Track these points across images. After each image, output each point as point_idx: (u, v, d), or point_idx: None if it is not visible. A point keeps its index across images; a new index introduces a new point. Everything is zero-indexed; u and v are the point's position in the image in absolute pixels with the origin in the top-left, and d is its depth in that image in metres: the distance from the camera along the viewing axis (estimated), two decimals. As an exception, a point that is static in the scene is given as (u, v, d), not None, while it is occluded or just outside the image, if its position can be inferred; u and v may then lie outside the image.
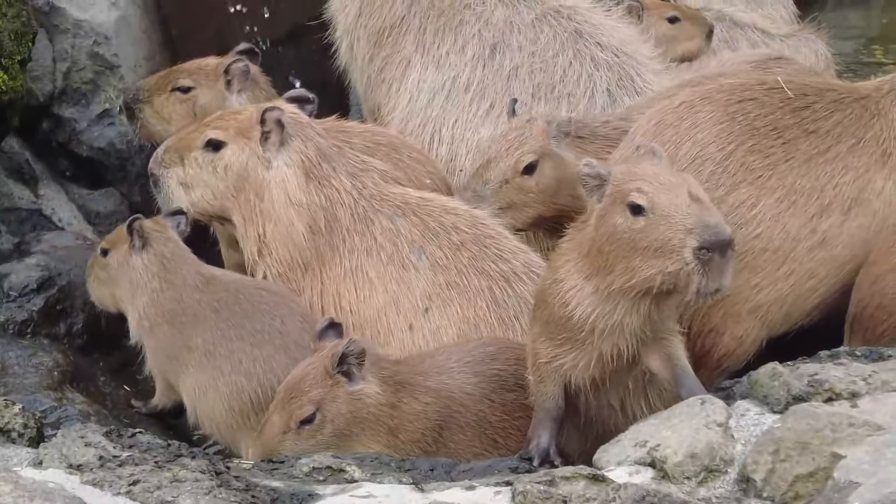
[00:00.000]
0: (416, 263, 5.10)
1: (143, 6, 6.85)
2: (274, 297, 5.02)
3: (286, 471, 3.99)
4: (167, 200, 5.34)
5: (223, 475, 3.80)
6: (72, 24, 6.51)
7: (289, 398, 4.41)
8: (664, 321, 4.16)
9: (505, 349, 4.65)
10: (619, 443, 3.91)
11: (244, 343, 4.89)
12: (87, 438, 3.86)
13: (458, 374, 4.55)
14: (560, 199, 5.42)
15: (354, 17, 6.43)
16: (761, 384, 3.98)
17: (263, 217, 5.19)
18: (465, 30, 6.16)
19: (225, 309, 4.97)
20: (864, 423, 3.60)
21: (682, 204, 3.95)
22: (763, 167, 4.91)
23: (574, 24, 6.20)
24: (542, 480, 3.69)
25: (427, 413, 4.45)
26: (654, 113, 5.08)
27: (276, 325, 4.92)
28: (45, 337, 5.44)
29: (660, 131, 4.92)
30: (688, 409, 3.92)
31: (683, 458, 3.74)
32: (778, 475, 3.59)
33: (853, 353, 4.21)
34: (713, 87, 5.12)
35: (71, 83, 6.55)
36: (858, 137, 5.03)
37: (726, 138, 4.92)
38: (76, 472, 3.73)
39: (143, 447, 3.95)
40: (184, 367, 4.97)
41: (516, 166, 5.45)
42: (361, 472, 3.97)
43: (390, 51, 6.32)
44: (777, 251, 4.90)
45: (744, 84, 5.13)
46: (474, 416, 4.51)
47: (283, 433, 4.40)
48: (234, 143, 5.24)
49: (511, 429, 4.54)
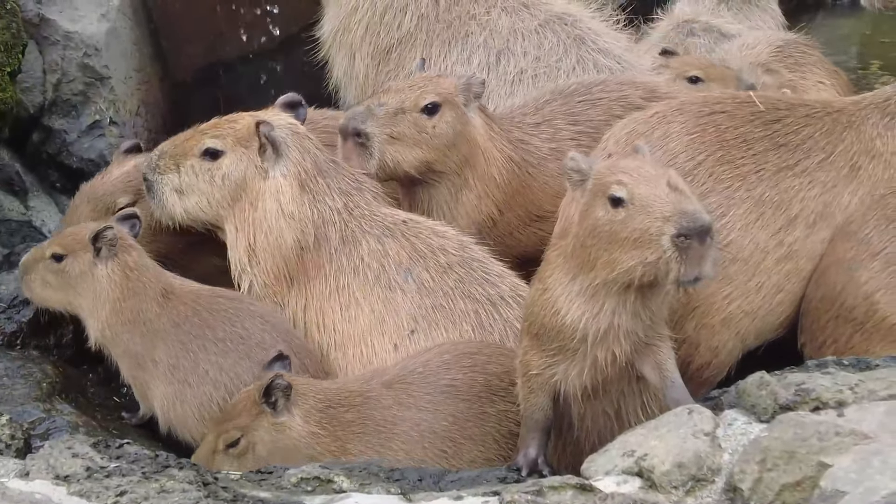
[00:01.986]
0: (403, 285, 5.11)
1: (134, 18, 6.86)
2: (232, 302, 5.09)
3: (274, 481, 3.99)
4: (160, 206, 5.35)
5: (211, 486, 3.80)
6: (62, 35, 6.52)
7: (222, 420, 4.64)
8: (655, 323, 4.17)
9: (462, 356, 4.70)
10: (606, 452, 3.91)
11: (208, 353, 4.97)
12: (74, 449, 3.86)
13: (401, 385, 4.63)
14: (452, 154, 5.40)
15: (360, 36, 6.44)
16: (749, 393, 3.98)
17: (255, 226, 5.21)
18: (471, 40, 6.21)
19: (185, 322, 5.03)
20: (851, 432, 3.60)
21: (660, 194, 3.97)
22: (732, 177, 4.94)
23: (577, 30, 6.25)
24: (530, 490, 3.69)
25: (350, 426, 4.57)
26: (628, 122, 5.11)
27: (237, 332, 5.00)
28: (35, 348, 5.43)
29: (631, 140, 4.94)
30: (675, 419, 3.92)
31: (671, 468, 3.75)
32: (765, 484, 3.60)
33: (840, 363, 4.21)
34: (686, 99, 5.18)
35: (61, 95, 6.55)
36: (828, 152, 5.07)
37: (696, 148, 4.95)
38: (63, 483, 3.72)
39: (131, 458, 3.94)
40: (151, 377, 5.03)
41: (417, 101, 5.39)
42: (350, 483, 3.97)
43: (394, 66, 6.34)
44: (747, 262, 4.93)
45: (716, 97, 5.18)
46: (414, 427, 4.57)
47: (213, 453, 4.59)
48: (233, 152, 5.26)
49: (461, 438, 4.58)
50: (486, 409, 4.62)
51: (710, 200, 4.86)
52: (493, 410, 4.63)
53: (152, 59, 6.99)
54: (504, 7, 6.31)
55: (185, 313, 5.05)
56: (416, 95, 5.42)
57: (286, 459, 4.45)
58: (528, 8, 6.31)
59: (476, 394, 4.63)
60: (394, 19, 6.33)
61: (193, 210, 5.32)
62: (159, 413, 5.06)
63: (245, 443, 4.57)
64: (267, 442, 4.57)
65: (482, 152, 5.46)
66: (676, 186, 3.98)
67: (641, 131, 4.99)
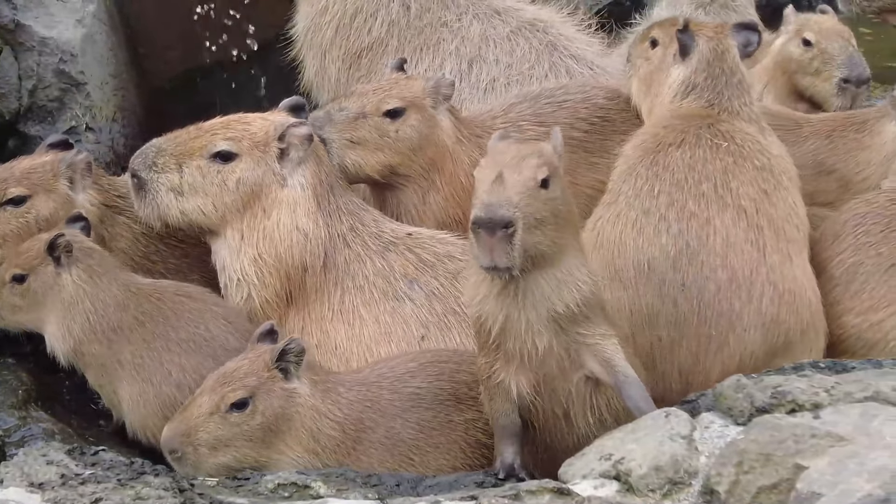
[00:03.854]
0: (411, 294, 5.04)
1: (110, 24, 6.84)
2: (196, 303, 5.04)
3: (251, 487, 3.98)
4: (152, 206, 5.16)
5: (187, 492, 3.78)
6: (38, 41, 6.49)
7: (222, 383, 4.45)
8: (579, 317, 4.15)
9: (428, 365, 4.67)
10: (584, 456, 3.91)
11: (172, 354, 4.91)
12: (49, 457, 3.84)
13: (374, 389, 4.59)
14: (417, 157, 5.40)
15: (330, 38, 6.41)
16: (725, 396, 3.99)
17: (265, 236, 5.09)
18: (443, 47, 6.19)
19: (150, 321, 4.97)
20: (827, 434, 3.61)
21: (483, 180, 4.04)
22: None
23: (549, 37, 6.25)
24: (508, 495, 3.70)
25: (344, 425, 4.49)
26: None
27: (200, 333, 4.95)
28: (11, 356, 5.39)
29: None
30: (652, 422, 3.93)
31: (648, 471, 3.75)
32: (742, 487, 3.60)
33: (816, 365, 4.23)
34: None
35: (37, 101, 6.52)
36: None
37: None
38: (37, 490, 3.70)
39: (106, 465, 3.93)
40: (118, 379, 4.97)
41: (378, 105, 5.39)
42: (327, 489, 3.97)
43: (366, 71, 6.32)
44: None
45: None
46: (385, 433, 4.53)
47: (210, 414, 4.41)
48: (249, 156, 5.09)
49: (427, 447, 4.54)
50: (454, 417, 4.59)
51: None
52: (460, 419, 4.59)
53: (129, 64, 6.97)
54: (476, 14, 6.31)
55: (150, 311, 4.99)
56: (379, 99, 5.41)
57: (287, 433, 4.40)
58: (499, 14, 6.31)
59: (442, 402, 4.59)
60: (364, 23, 6.32)
61: (192, 212, 5.13)
62: (124, 414, 5.00)
63: (253, 407, 4.41)
64: (276, 408, 4.42)
65: (450, 155, 5.45)
66: (501, 177, 4.02)
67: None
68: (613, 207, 4.93)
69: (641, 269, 4.79)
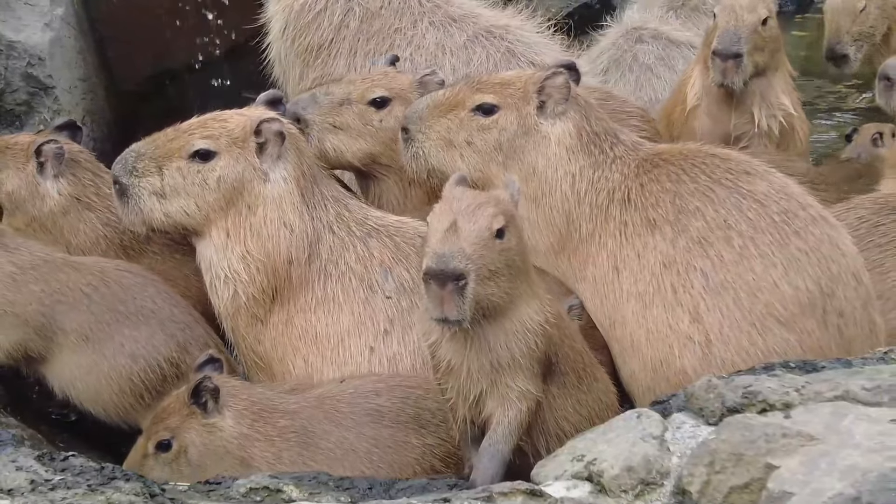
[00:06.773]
0: (383, 285, 5.02)
1: (79, 27, 6.82)
2: (137, 277, 5.15)
3: (223, 492, 3.96)
4: (136, 211, 5.10)
5: (157, 497, 3.76)
6: (5, 45, 6.46)
7: (152, 423, 4.59)
8: (504, 368, 4.10)
9: (395, 388, 4.68)
10: (556, 458, 3.91)
11: (122, 326, 4.98)
12: (18, 462, 3.81)
13: (330, 402, 4.62)
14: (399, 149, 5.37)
15: (280, 30, 6.40)
16: (697, 396, 4.00)
17: (252, 233, 5.04)
18: (397, 53, 6.14)
19: (96, 293, 5.04)
20: (798, 434, 3.62)
21: (437, 229, 3.97)
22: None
23: (506, 43, 6.24)
24: (481, 497, 3.69)
25: (284, 434, 4.55)
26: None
27: (147, 305, 5.07)
28: (-21, 362, 5.36)
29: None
30: (624, 423, 3.93)
31: (620, 472, 3.75)
32: (713, 487, 3.61)
33: (787, 365, 4.24)
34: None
35: (4, 105, 6.50)
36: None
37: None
38: (6, 496, 3.67)
39: (76, 470, 3.91)
40: (57, 347, 5.03)
41: (364, 93, 5.43)
42: (299, 492, 3.95)
43: (321, 73, 6.30)
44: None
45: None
46: (336, 442, 4.55)
47: (143, 457, 4.54)
48: (227, 153, 5.04)
49: (380, 463, 4.55)
50: (411, 439, 4.58)
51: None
52: (417, 442, 4.59)
53: (98, 68, 6.95)
54: (431, 21, 6.27)
55: (94, 284, 5.05)
56: (366, 88, 5.45)
57: (218, 466, 4.43)
58: (456, 22, 6.27)
59: (402, 423, 4.59)
60: (312, 21, 6.31)
61: (176, 214, 5.07)
62: (61, 384, 5.07)
63: (177, 446, 4.51)
64: (198, 444, 4.50)
65: None
66: (455, 225, 3.93)
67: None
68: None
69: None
